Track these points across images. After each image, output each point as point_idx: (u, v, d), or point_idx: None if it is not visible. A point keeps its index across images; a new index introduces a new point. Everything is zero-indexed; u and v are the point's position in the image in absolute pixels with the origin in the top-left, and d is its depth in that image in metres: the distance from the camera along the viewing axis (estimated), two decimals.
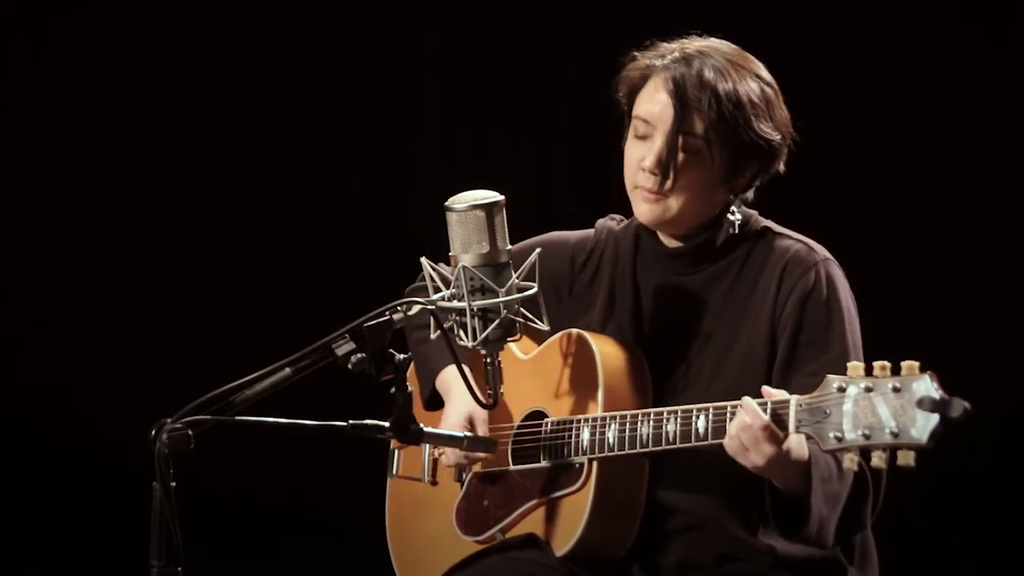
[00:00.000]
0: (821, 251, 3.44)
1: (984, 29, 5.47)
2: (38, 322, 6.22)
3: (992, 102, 5.45)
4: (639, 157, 3.40)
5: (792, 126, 3.45)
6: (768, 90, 3.41)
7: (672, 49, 3.43)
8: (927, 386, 2.88)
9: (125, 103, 6.17)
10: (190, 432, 3.00)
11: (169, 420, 3.02)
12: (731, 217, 3.45)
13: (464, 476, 3.60)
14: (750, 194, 3.48)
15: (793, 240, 3.46)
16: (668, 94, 3.37)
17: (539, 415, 3.50)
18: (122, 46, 6.15)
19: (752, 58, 3.44)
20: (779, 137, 3.41)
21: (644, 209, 3.43)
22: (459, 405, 3.52)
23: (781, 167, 3.46)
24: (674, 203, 3.40)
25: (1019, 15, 5.41)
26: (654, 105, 3.40)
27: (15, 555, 5.99)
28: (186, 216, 6.20)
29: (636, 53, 3.47)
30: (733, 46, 3.45)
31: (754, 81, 3.39)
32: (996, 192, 5.50)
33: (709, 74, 3.36)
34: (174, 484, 2.98)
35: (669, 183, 3.38)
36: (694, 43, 3.44)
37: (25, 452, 6.12)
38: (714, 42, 3.45)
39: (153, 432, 3.00)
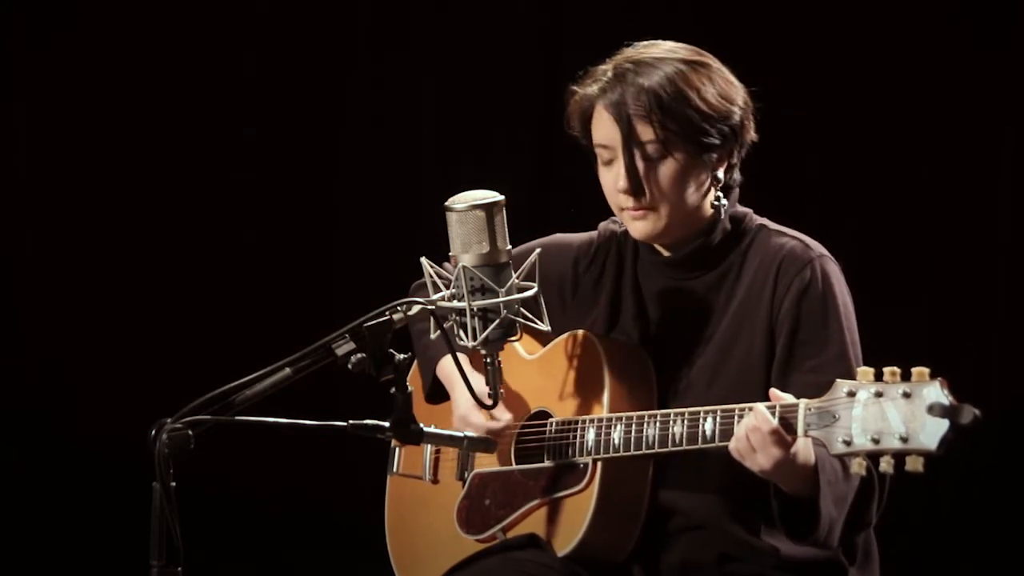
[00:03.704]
0: (817, 247, 3.44)
1: (982, 29, 5.47)
2: (38, 322, 6.21)
3: (991, 100, 5.45)
4: (613, 182, 3.42)
5: (750, 95, 3.43)
6: (700, 68, 3.39)
7: (605, 71, 3.43)
8: (937, 392, 2.87)
9: (126, 104, 6.16)
10: (190, 432, 3.00)
11: (169, 420, 3.01)
12: (717, 203, 3.43)
13: (466, 475, 3.60)
14: (737, 175, 3.47)
15: (788, 237, 3.46)
16: (612, 116, 3.39)
17: (543, 415, 3.50)
18: (123, 48, 6.14)
19: (687, 46, 3.43)
20: (729, 104, 3.40)
21: (637, 227, 3.44)
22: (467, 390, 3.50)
23: (752, 136, 3.44)
24: (662, 211, 3.41)
25: (1017, 10, 5.40)
26: (606, 129, 3.41)
27: (15, 555, 5.98)
28: (186, 216, 6.19)
29: (575, 87, 3.48)
30: (670, 43, 3.44)
31: (684, 64, 3.38)
32: (996, 191, 5.50)
33: (642, 79, 3.37)
34: (174, 484, 2.97)
35: (647, 196, 3.39)
36: (626, 53, 3.44)
37: (25, 452, 6.11)
38: (651, 46, 3.44)
39: (153, 432, 3.00)
